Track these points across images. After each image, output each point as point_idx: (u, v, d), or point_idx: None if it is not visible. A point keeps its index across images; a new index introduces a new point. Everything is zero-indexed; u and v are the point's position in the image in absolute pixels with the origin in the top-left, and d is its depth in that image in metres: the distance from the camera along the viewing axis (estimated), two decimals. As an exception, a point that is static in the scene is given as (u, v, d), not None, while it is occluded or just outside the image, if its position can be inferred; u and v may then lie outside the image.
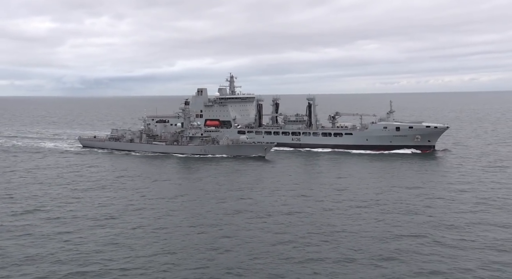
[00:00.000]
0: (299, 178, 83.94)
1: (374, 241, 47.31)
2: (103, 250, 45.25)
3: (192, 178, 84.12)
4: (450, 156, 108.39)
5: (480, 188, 72.55)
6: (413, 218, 55.60)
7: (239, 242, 47.15)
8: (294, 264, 41.46)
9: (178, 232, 50.84)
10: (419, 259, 42.51)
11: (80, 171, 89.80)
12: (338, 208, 60.47)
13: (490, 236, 48.85)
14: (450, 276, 39.08)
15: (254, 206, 61.77)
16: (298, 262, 41.95)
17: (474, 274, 39.40)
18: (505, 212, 57.91)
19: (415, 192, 70.12)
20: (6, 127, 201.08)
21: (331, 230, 51.20)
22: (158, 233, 50.39)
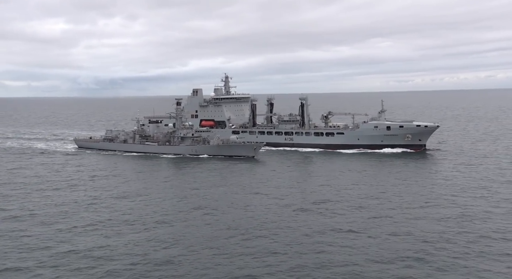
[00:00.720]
0: (281, 179, 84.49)
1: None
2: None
3: (160, 176, 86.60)
4: (440, 154, 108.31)
5: (458, 185, 72.79)
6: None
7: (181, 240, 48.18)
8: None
9: (118, 228, 51.99)
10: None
11: (61, 171, 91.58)
12: (312, 210, 61.08)
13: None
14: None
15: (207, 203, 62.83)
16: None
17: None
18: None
19: (393, 190, 70.58)
20: (10, 127, 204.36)
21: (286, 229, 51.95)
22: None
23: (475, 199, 64.53)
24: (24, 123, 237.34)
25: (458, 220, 54.25)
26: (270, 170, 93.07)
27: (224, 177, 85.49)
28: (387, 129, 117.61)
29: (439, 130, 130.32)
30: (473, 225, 52.47)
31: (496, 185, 73.48)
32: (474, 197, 65.71)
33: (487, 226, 52.01)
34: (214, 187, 75.80)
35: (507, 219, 54.47)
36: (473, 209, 59.36)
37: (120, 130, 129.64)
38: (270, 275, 39.52)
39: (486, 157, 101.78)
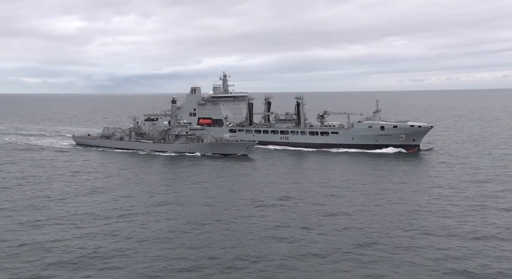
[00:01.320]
0: (261, 176, 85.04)
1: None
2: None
3: (140, 172, 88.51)
4: (431, 155, 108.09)
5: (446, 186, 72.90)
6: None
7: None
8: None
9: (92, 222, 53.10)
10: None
11: (45, 167, 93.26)
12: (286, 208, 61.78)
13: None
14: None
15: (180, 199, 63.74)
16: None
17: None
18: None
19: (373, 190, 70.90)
20: (16, 123, 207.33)
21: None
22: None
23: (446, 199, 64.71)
24: (30, 120, 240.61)
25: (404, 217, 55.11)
26: (253, 167, 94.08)
27: (200, 173, 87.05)
28: (381, 129, 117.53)
29: (433, 130, 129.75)
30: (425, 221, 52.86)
31: (466, 185, 74.18)
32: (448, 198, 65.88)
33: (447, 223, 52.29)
34: (187, 183, 77.96)
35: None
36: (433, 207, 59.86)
37: (117, 127, 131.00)
38: (210, 267, 41.04)
39: (468, 158, 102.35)
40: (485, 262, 41.83)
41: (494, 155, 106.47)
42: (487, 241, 47.23)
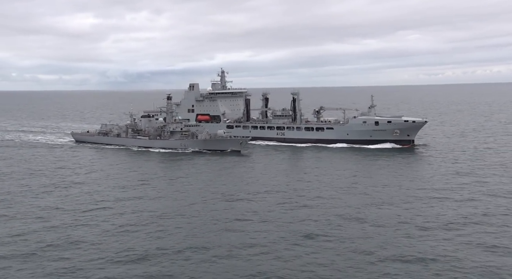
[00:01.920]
0: (247, 172, 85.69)
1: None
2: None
3: (121, 168, 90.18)
4: (425, 150, 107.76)
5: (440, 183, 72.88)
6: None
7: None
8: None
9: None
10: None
11: (32, 162, 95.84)
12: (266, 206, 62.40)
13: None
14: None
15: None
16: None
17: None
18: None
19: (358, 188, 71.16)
20: (22, 120, 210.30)
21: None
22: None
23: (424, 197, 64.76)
24: (36, 117, 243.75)
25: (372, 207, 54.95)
26: (240, 162, 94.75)
27: (181, 169, 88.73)
28: (376, 124, 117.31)
29: (428, 125, 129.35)
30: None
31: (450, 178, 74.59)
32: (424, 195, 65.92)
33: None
34: (166, 178, 79.88)
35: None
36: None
37: (114, 124, 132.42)
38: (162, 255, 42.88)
39: (453, 151, 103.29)
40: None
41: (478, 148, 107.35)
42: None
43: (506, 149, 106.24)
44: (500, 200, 61.33)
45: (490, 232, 48.79)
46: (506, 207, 58.25)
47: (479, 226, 50.72)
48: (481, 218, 53.41)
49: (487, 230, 49.36)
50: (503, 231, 49.01)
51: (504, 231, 49.18)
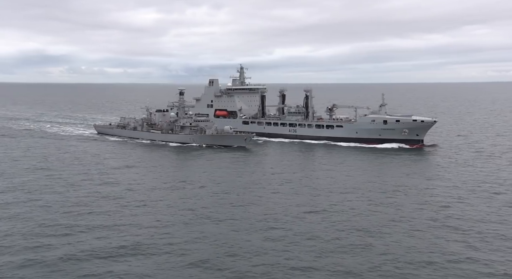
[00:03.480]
0: (237, 169, 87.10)
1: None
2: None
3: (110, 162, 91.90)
4: (433, 152, 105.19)
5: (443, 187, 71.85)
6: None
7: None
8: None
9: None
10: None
11: (28, 151, 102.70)
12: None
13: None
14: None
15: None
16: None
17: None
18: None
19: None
20: (63, 112, 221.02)
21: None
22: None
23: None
24: (81, 108, 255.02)
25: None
26: (234, 160, 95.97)
27: (156, 164, 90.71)
28: (384, 123, 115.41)
29: (437, 125, 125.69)
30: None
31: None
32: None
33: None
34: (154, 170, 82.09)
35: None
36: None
37: (132, 118, 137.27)
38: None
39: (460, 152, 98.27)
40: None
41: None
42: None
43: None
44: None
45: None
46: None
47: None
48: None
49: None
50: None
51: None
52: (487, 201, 62.49)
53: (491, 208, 59.00)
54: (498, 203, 61.36)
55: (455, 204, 60.85)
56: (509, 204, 60.95)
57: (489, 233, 49.74)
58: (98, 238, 47.42)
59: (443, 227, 51.55)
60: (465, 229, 50.95)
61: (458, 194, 65.69)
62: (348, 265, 41.39)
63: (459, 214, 56.41)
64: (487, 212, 57.14)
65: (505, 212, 57.07)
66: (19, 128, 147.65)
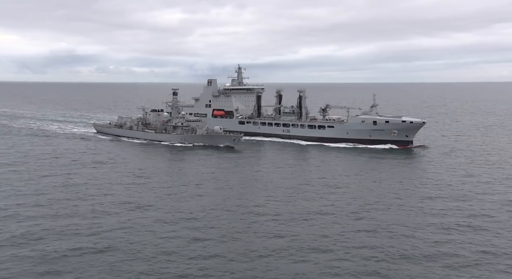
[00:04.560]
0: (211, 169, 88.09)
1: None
2: None
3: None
4: (420, 153, 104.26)
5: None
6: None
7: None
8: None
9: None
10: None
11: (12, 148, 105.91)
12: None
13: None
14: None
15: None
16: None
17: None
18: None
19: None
20: (70, 112, 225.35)
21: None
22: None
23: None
24: (90, 108, 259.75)
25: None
26: (218, 159, 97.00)
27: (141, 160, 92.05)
28: (374, 124, 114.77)
29: (427, 126, 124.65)
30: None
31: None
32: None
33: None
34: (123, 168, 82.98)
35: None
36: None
37: (128, 117, 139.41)
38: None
39: (451, 153, 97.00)
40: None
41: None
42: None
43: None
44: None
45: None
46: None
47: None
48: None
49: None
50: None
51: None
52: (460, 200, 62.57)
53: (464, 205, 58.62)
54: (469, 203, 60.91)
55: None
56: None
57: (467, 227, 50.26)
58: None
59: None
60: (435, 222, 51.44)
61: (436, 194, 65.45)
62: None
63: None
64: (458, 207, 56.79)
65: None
66: (19, 127, 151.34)
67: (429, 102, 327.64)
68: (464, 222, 53.95)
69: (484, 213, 57.75)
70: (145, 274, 40.19)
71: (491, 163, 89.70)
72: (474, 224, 53.32)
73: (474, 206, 60.85)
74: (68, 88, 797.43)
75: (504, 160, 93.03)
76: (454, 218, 55.48)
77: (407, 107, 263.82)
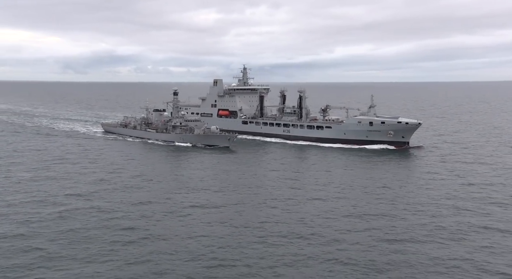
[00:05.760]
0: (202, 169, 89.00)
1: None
2: None
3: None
4: (416, 153, 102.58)
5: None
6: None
7: None
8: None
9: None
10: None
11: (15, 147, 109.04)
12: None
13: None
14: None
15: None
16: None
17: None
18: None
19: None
20: (90, 111, 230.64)
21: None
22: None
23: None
24: (115, 106, 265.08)
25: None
26: (207, 159, 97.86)
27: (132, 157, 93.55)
28: (370, 124, 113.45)
29: (423, 127, 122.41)
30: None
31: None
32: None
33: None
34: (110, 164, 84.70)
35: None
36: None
37: (132, 117, 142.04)
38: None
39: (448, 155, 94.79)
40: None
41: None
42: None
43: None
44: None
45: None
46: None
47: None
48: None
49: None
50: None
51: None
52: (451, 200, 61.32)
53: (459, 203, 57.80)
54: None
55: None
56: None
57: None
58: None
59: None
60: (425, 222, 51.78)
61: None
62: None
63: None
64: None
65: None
66: (30, 125, 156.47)
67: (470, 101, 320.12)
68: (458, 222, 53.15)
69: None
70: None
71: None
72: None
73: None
74: (107, 88, 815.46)
75: None
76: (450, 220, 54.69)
77: (444, 108, 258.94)
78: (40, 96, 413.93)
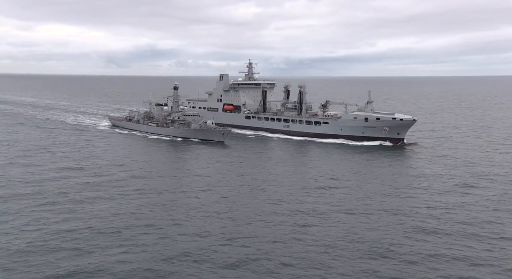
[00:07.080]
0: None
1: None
2: None
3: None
4: (410, 150, 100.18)
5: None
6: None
7: None
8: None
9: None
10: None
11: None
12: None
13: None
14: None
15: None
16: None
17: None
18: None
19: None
20: (105, 103, 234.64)
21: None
22: None
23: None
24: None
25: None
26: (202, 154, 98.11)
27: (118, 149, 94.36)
28: (365, 120, 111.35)
29: (418, 123, 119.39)
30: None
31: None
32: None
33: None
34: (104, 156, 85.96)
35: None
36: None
37: (136, 111, 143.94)
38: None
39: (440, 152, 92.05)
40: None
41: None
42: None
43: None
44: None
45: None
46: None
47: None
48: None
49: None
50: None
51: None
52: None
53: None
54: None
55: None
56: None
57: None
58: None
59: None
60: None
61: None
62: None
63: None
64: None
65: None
66: (42, 118, 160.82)
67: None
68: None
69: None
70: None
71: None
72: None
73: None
74: (147, 82, 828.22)
75: None
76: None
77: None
78: (81, 90, 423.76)
